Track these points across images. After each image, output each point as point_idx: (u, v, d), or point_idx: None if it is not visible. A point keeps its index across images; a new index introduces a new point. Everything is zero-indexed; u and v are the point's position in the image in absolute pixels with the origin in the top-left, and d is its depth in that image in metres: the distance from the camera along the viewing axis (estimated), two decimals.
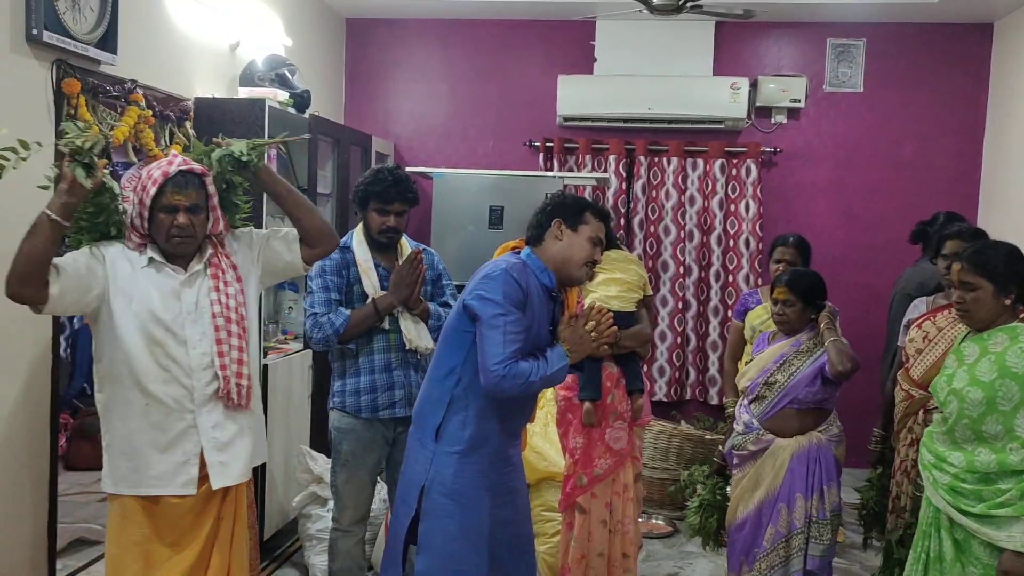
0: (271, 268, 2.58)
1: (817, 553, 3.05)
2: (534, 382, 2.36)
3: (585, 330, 2.46)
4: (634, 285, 3.55)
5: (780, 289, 3.16)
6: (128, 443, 2.33)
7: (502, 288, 2.37)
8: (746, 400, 3.23)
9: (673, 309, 5.54)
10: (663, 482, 4.95)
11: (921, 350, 3.20)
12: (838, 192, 5.48)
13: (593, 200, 2.61)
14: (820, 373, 3.06)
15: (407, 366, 3.15)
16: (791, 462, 3.08)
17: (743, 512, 3.18)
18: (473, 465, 2.47)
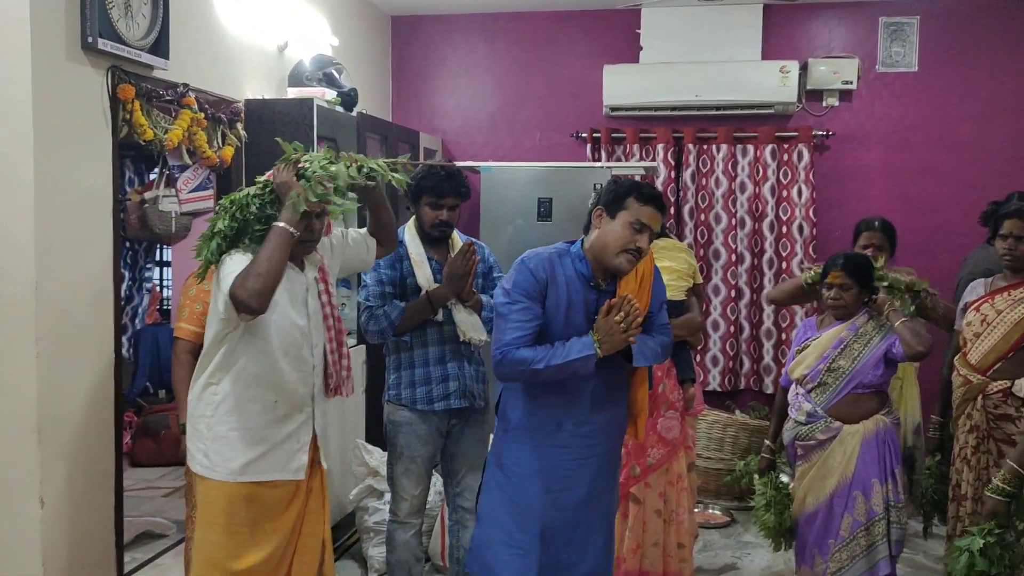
0: (347, 266, 2.80)
1: (898, 537, 3.02)
2: (538, 369, 2.40)
3: (614, 321, 2.42)
4: (683, 273, 3.53)
5: (836, 273, 3.11)
6: (250, 437, 2.44)
7: (515, 278, 2.48)
8: (804, 389, 3.17)
9: (726, 298, 5.48)
10: (719, 472, 4.91)
11: (979, 334, 3.13)
12: (892, 175, 5.36)
13: (646, 184, 2.54)
14: (885, 356, 3.02)
15: (461, 358, 3.17)
16: (861, 448, 3.03)
17: (813, 503, 3.13)
18: (522, 445, 2.55)
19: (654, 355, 2.58)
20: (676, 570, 3.54)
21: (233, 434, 2.43)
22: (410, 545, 3.23)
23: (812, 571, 3.12)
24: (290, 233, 2.33)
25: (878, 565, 3.00)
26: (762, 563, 4.13)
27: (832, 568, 3.04)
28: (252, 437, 2.44)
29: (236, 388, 2.43)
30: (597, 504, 2.62)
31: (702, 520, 4.54)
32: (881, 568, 2.99)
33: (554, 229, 4.75)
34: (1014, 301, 3.07)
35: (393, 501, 3.25)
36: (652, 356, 2.57)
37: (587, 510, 2.59)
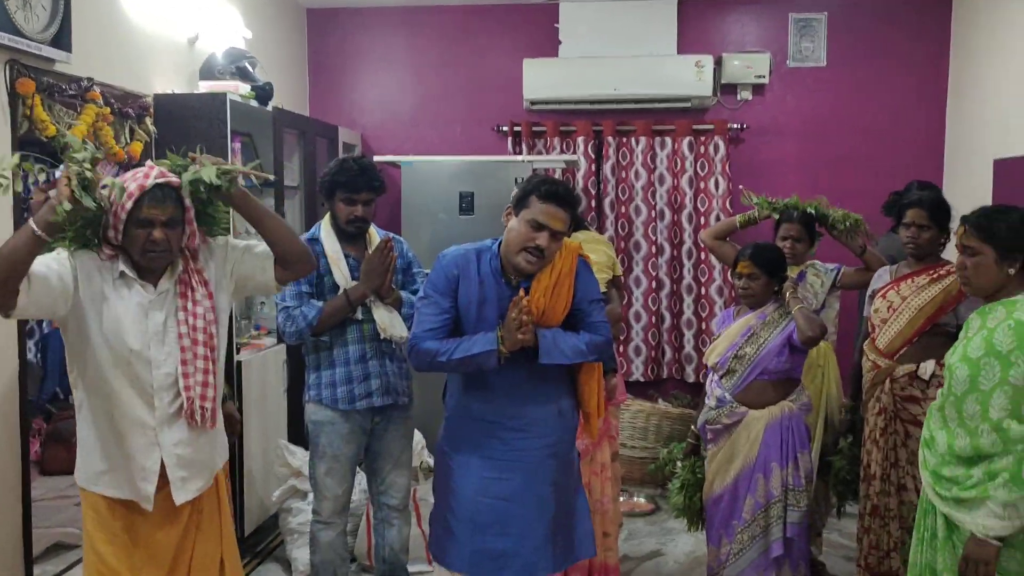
0: (243, 284, 2.53)
1: (795, 520, 3.09)
2: (441, 361, 2.48)
3: (511, 318, 2.46)
4: (603, 265, 3.57)
5: (744, 263, 3.18)
6: (101, 446, 2.33)
7: (432, 273, 2.59)
8: (716, 375, 3.25)
9: (647, 289, 5.55)
10: (643, 461, 4.99)
11: (886, 320, 3.24)
12: (805, 166, 5.51)
13: (552, 181, 2.55)
14: (788, 342, 3.09)
15: (382, 356, 3.15)
16: (765, 433, 3.11)
17: (720, 486, 3.21)
18: (460, 432, 2.63)
19: (574, 352, 2.56)
20: (601, 560, 3.58)
21: (90, 439, 2.34)
22: (335, 545, 3.20)
23: (718, 551, 3.20)
24: (32, 233, 2.09)
25: (771, 546, 3.09)
26: (686, 548, 4.21)
27: (735, 549, 3.14)
28: (100, 448, 2.33)
29: (82, 394, 2.33)
30: (535, 498, 2.60)
31: (627, 509, 4.60)
32: (773, 549, 3.08)
33: (476, 223, 4.74)
34: (918, 287, 3.19)
35: (316, 501, 3.21)
36: (569, 354, 2.55)
37: (523, 503, 2.59)
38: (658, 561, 4.09)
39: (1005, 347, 2.18)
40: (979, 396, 2.21)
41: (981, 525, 2.18)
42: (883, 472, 3.23)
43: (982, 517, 2.18)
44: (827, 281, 3.72)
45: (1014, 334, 2.18)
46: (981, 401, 2.21)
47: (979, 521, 2.18)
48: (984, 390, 2.20)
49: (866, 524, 3.30)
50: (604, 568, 3.59)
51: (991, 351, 2.20)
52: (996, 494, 2.15)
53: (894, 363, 3.20)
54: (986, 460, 2.21)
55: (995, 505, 2.15)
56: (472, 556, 2.57)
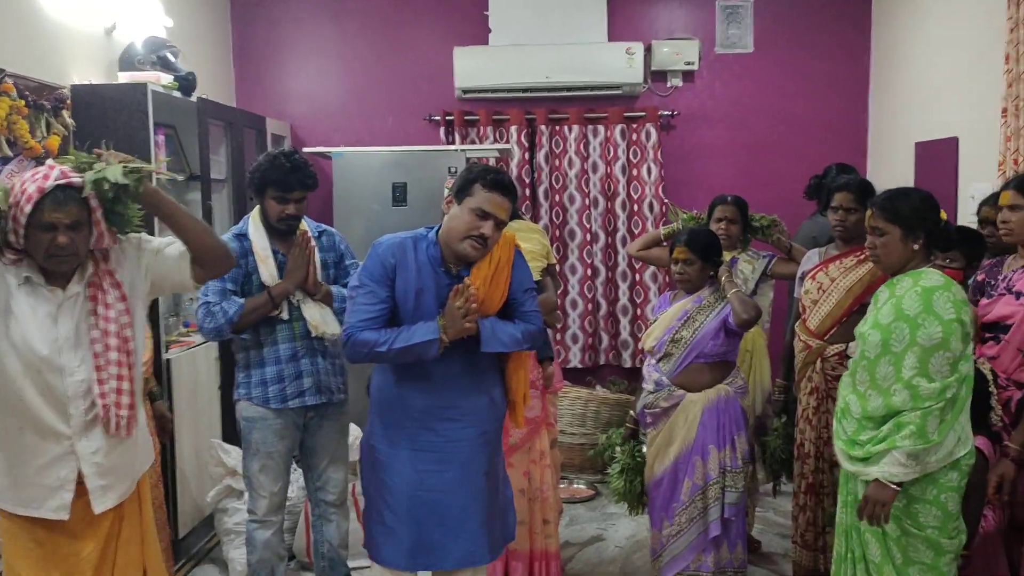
0: (160, 284, 2.43)
1: (732, 500, 3.14)
2: (380, 352, 2.45)
3: (455, 307, 2.45)
4: (537, 254, 3.57)
5: (680, 249, 3.22)
6: (5, 460, 2.24)
7: (367, 262, 2.53)
8: (654, 359, 3.28)
9: (582, 276, 5.58)
10: (582, 447, 5.02)
11: (816, 300, 3.30)
12: (734, 152, 5.59)
13: (496, 170, 2.54)
14: (723, 325, 3.14)
15: (314, 353, 3.10)
16: (702, 415, 3.15)
17: (660, 469, 3.24)
18: (390, 425, 2.58)
19: (511, 341, 2.57)
20: (542, 547, 3.60)
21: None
22: (271, 544, 3.15)
23: (660, 534, 3.24)
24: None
25: (710, 526, 3.14)
26: (627, 532, 4.25)
27: (674, 531, 3.18)
28: (4, 463, 2.23)
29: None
30: (471, 488, 2.60)
31: (567, 495, 4.63)
32: (712, 529, 3.13)
33: (410, 214, 4.70)
34: (846, 269, 3.26)
35: (251, 500, 3.15)
36: (507, 342, 2.56)
37: (459, 493, 2.58)
38: (599, 546, 4.13)
39: (913, 311, 2.38)
40: (891, 358, 2.40)
41: (885, 472, 2.37)
42: (816, 450, 3.30)
43: (886, 465, 2.36)
44: (758, 268, 3.79)
45: (920, 299, 2.38)
46: (894, 363, 2.39)
47: (883, 469, 2.37)
48: (896, 352, 2.39)
49: (801, 502, 3.38)
50: (545, 555, 3.61)
51: (900, 316, 2.39)
52: (902, 443, 2.34)
53: (824, 343, 3.28)
54: (894, 417, 2.38)
55: (899, 454, 2.34)
56: (411, 550, 2.55)
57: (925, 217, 2.49)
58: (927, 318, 2.35)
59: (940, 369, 2.35)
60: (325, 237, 3.23)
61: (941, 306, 2.36)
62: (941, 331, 2.34)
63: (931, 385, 2.34)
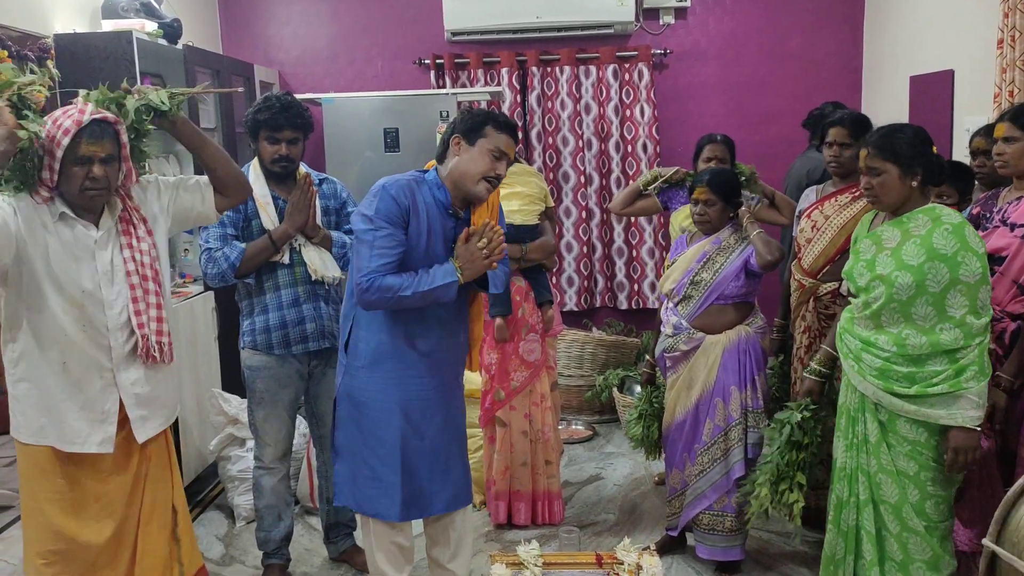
0: (182, 218, 2.55)
1: (755, 440, 3.16)
2: (405, 296, 2.40)
3: (476, 247, 2.47)
4: (535, 197, 3.57)
5: (701, 189, 3.18)
6: (45, 399, 2.29)
7: (376, 204, 2.42)
8: (672, 302, 3.28)
9: (577, 219, 5.58)
10: (580, 388, 5.08)
11: (810, 239, 3.31)
12: (728, 90, 5.55)
13: (500, 112, 2.59)
14: (745, 266, 3.14)
15: (316, 298, 3.11)
16: (723, 357, 3.15)
17: (681, 411, 3.26)
18: (378, 379, 2.54)
19: (503, 282, 2.65)
20: (545, 487, 3.67)
21: (31, 394, 2.30)
22: (278, 490, 3.20)
23: (683, 474, 3.28)
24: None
25: (733, 468, 3.16)
26: (624, 471, 4.32)
27: (696, 470, 3.21)
28: (46, 400, 2.29)
29: (28, 345, 2.28)
30: (453, 430, 2.68)
31: (566, 436, 4.70)
32: (735, 471, 3.15)
33: (403, 159, 4.67)
34: (840, 207, 3.26)
35: (257, 448, 3.19)
36: (503, 283, 2.64)
37: (445, 438, 2.64)
38: (598, 484, 4.20)
39: (949, 250, 2.38)
40: (929, 298, 2.39)
41: (966, 416, 2.38)
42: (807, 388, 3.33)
43: (964, 409, 2.38)
44: None
45: (955, 236, 2.38)
46: (934, 303, 2.39)
47: (963, 413, 2.39)
48: (935, 291, 2.38)
49: None
50: (547, 495, 3.68)
51: (934, 255, 2.38)
52: (969, 385, 2.37)
53: (817, 282, 3.29)
54: (942, 355, 2.40)
55: (972, 395, 2.37)
56: (405, 501, 2.57)
57: (921, 153, 2.47)
58: (966, 255, 2.36)
59: (984, 303, 2.39)
60: (327, 185, 3.23)
61: (974, 241, 2.38)
62: (980, 266, 2.37)
63: (980, 320, 2.38)
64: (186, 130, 2.45)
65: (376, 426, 2.55)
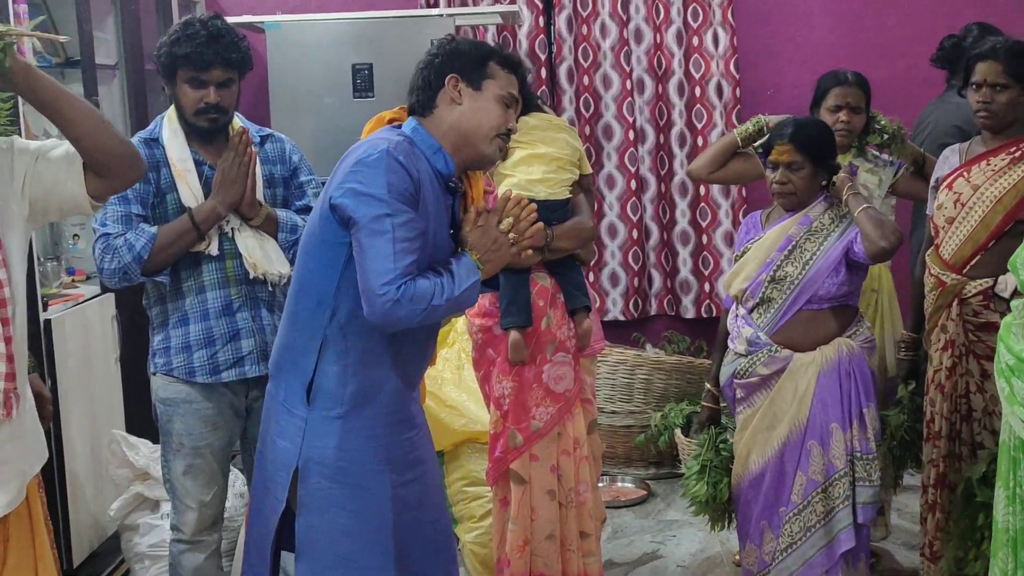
0: (45, 203, 2.40)
1: (867, 500, 3.16)
2: (438, 306, 2.37)
3: (500, 230, 2.47)
4: (565, 162, 3.56)
5: (782, 147, 3.19)
6: None
7: (384, 177, 2.35)
8: (744, 309, 3.28)
9: (623, 191, 5.58)
10: (629, 430, 5.09)
11: (952, 219, 3.31)
12: (838, 9, 5.53)
13: (499, 45, 2.60)
14: (845, 256, 3.14)
15: (256, 304, 3.13)
16: (818, 383, 3.17)
17: (759, 461, 3.27)
18: (362, 432, 2.50)
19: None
20: (579, 569, 3.65)
21: None
22: (204, 572, 3.20)
23: (760, 551, 3.28)
24: None
25: (838, 539, 3.16)
26: (692, 547, 4.33)
27: (783, 544, 3.21)
28: None
29: None
30: (438, 485, 2.72)
31: (610, 498, 4.70)
32: (842, 542, 3.15)
33: (380, 107, 4.64)
34: (994, 172, 3.25)
35: (175, 513, 3.20)
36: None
37: (434, 502, 2.66)
38: (655, 566, 4.20)
39: None
40: None
41: None
42: (951, 428, 3.34)
43: None
44: (886, 179, 3.78)
45: None
46: None
47: None
48: None
49: (930, 499, 3.42)
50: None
51: None
52: None
53: (963, 278, 3.29)
54: None
55: None
56: None
57: None
58: None
59: None
60: (271, 144, 3.24)
61: None
62: None
63: None
64: (24, 83, 2.26)
65: (358, 498, 2.52)
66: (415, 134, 2.52)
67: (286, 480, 2.51)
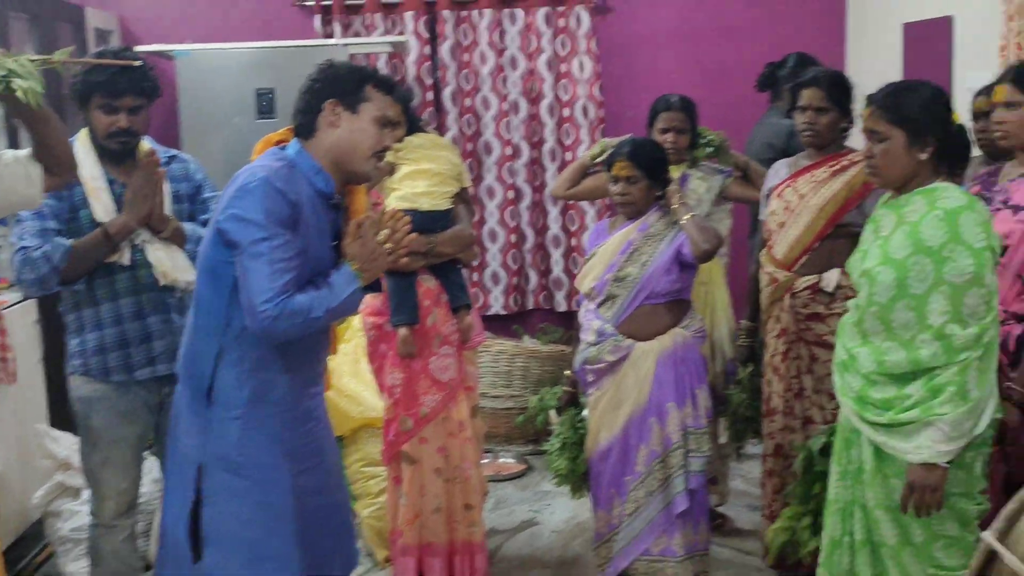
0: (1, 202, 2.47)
1: (698, 468, 3.23)
2: (318, 317, 2.34)
3: (377, 241, 2.44)
4: (446, 176, 3.57)
5: (621, 163, 3.24)
6: None
7: (262, 203, 2.31)
8: (593, 304, 3.32)
9: (502, 201, 5.59)
10: (509, 412, 5.10)
11: (783, 223, 3.39)
12: (688, 39, 5.61)
13: (375, 70, 2.56)
14: (677, 257, 3.19)
15: (166, 309, 3.07)
16: (657, 368, 3.22)
17: (608, 437, 3.30)
18: (260, 429, 2.46)
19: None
20: (464, 537, 3.67)
21: None
22: (121, 553, 3.15)
23: (610, 515, 3.32)
24: None
25: (674, 501, 3.22)
26: (565, 513, 4.35)
27: (628, 509, 3.26)
28: None
29: None
30: (338, 473, 2.68)
31: (492, 472, 4.70)
32: (677, 504, 3.22)
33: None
34: (817, 183, 3.34)
35: (94, 500, 3.14)
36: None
37: (333, 485, 2.63)
38: (532, 531, 4.22)
39: (936, 241, 2.35)
40: (911, 301, 2.38)
41: (934, 451, 2.34)
42: (785, 404, 3.42)
43: (929, 440, 2.34)
44: (714, 186, 3.84)
45: (945, 225, 2.35)
46: (915, 307, 2.37)
47: (927, 446, 2.35)
48: (917, 294, 2.37)
49: (769, 466, 3.51)
50: (468, 546, 3.68)
51: (919, 248, 2.36)
52: (943, 411, 2.33)
53: (793, 275, 3.37)
54: (923, 376, 2.38)
55: (944, 425, 2.33)
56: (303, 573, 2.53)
57: (937, 120, 2.47)
58: (955, 248, 2.33)
59: (975, 310, 2.34)
60: (177, 164, 3.18)
61: (969, 232, 2.34)
62: (973, 263, 2.32)
63: (966, 332, 2.33)
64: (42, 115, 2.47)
65: (260, 490, 2.46)
66: (298, 156, 2.47)
67: (193, 475, 2.46)
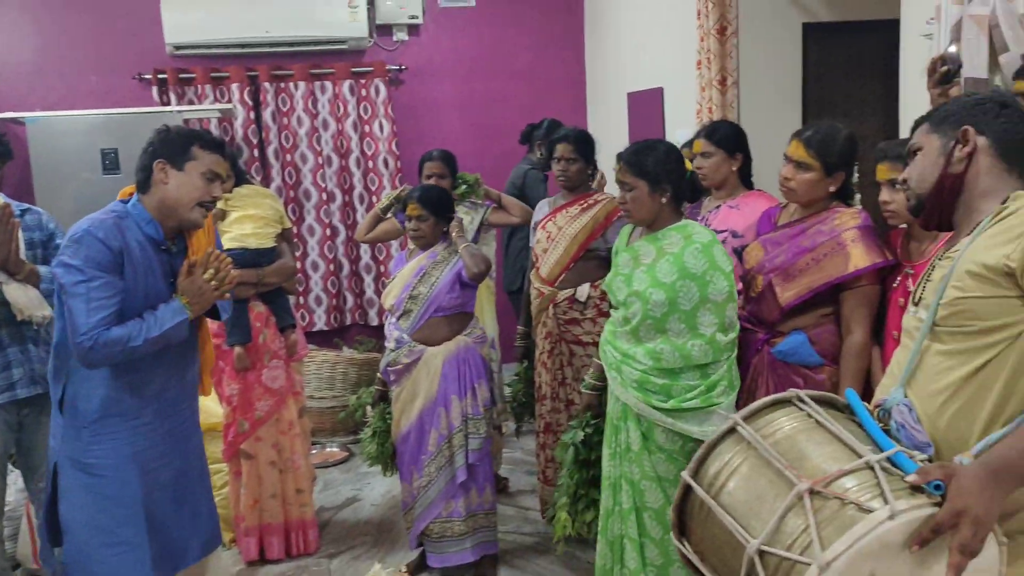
0: None
1: (475, 446, 3.26)
2: (136, 346, 2.24)
3: (204, 279, 2.36)
4: (270, 219, 3.49)
5: (412, 206, 3.25)
6: None
7: (84, 251, 2.21)
8: (394, 317, 3.32)
9: (321, 237, 5.50)
10: (333, 410, 5.00)
11: (546, 249, 3.49)
12: (463, 106, 5.71)
13: (204, 132, 2.46)
14: (458, 278, 3.23)
15: (23, 340, 2.83)
16: (443, 367, 3.24)
17: (407, 423, 3.31)
18: (106, 437, 2.33)
19: (230, 304, 2.60)
20: (298, 516, 3.58)
21: None
22: None
23: (411, 488, 3.33)
24: None
25: (457, 472, 3.27)
26: (382, 489, 4.31)
27: (424, 481, 3.28)
28: None
29: None
30: (195, 472, 2.56)
31: (320, 460, 4.61)
32: (459, 475, 3.26)
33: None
34: (571, 217, 3.46)
35: None
36: (229, 305, 2.58)
37: (187, 481, 2.51)
38: (356, 506, 4.15)
39: (699, 269, 2.48)
40: (681, 315, 2.48)
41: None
42: (552, 391, 3.51)
43: (716, 425, 2.38)
44: (476, 218, 3.91)
45: (704, 256, 2.49)
46: (686, 320, 2.48)
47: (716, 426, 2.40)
48: (686, 310, 2.47)
49: (542, 441, 3.60)
50: (301, 524, 3.60)
51: (686, 274, 2.48)
52: (720, 401, 2.48)
53: (555, 289, 3.47)
54: (694, 370, 2.50)
55: (722, 411, 2.48)
56: (156, 558, 2.41)
57: (671, 170, 2.59)
58: (714, 274, 2.46)
59: (732, 320, 2.52)
60: (30, 215, 2.96)
61: (722, 259, 2.50)
62: (727, 285, 2.47)
63: (728, 336, 2.49)
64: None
65: (109, 485, 2.34)
66: (133, 208, 2.35)
67: (52, 471, 2.35)
